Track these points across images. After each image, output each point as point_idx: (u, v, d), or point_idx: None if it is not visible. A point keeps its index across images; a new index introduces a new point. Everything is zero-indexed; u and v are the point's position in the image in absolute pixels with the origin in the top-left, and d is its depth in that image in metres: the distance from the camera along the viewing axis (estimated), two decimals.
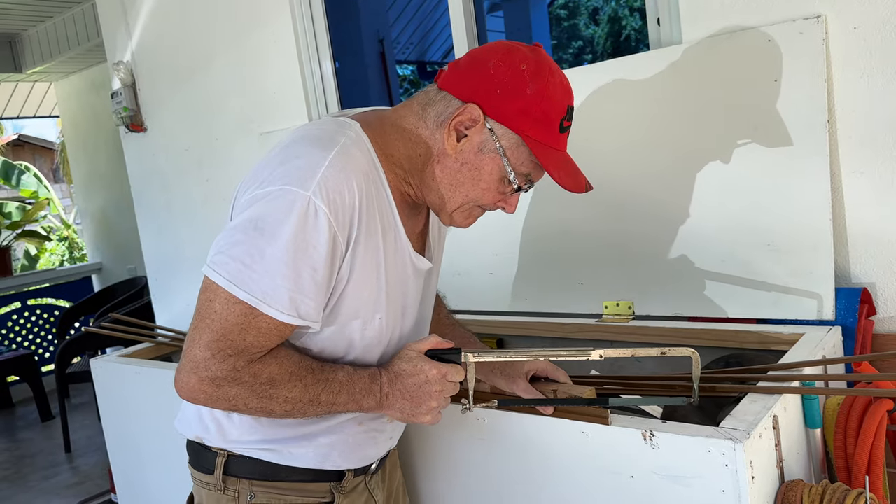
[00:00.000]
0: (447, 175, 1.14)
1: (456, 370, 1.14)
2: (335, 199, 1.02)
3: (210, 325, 1.02)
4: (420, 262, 1.21)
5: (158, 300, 3.79)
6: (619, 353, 1.13)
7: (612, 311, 1.96)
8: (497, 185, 1.15)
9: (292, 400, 1.07)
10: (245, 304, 1.01)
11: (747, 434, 1.10)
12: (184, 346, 1.05)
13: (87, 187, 6.36)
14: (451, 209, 1.17)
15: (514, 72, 1.10)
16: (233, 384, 1.03)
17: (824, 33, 1.64)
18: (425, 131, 1.14)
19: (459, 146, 1.12)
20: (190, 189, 3.42)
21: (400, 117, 1.17)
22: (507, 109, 1.10)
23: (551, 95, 1.11)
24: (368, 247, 1.09)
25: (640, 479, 1.18)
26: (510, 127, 1.11)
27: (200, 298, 1.04)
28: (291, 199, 1.00)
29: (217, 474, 1.20)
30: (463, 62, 1.15)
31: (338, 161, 1.04)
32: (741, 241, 1.77)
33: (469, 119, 1.11)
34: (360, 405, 1.13)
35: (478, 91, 1.10)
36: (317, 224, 1.01)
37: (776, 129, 1.70)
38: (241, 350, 1.03)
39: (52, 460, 4.28)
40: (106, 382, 2.24)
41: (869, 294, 1.68)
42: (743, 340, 1.68)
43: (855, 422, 1.32)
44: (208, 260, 1.04)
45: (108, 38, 3.64)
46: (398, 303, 1.19)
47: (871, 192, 1.68)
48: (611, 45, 10.37)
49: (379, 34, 3.96)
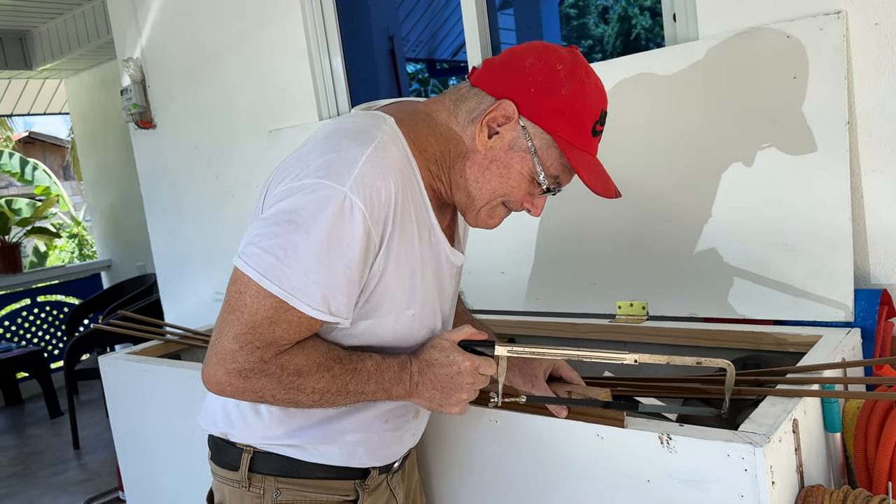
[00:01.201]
0: (475, 171, 1.13)
1: (489, 363, 1.12)
2: (371, 195, 1.01)
3: (239, 318, 1.01)
4: (455, 258, 1.20)
5: (167, 297, 3.78)
6: (654, 359, 1.11)
7: (626, 312, 1.93)
8: (526, 185, 1.13)
9: (320, 391, 1.06)
10: (276, 298, 1.00)
11: (767, 438, 1.08)
12: (212, 338, 1.04)
13: (96, 184, 6.37)
14: (477, 206, 1.16)
15: (551, 71, 1.08)
16: (260, 376, 1.02)
17: (845, 29, 1.61)
18: (456, 127, 1.13)
19: (490, 143, 1.11)
20: (199, 186, 3.41)
21: (432, 112, 1.15)
22: (541, 108, 1.08)
23: (586, 98, 1.10)
24: (402, 244, 1.08)
25: (657, 483, 1.16)
26: (543, 126, 1.09)
27: (230, 290, 1.03)
28: (328, 194, 0.99)
29: (242, 471, 1.18)
30: (498, 60, 1.14)
31: (375, 157, 1.03)
32: (758, 240, 1.75)
33: (502, 116, 1.09)
34: (389, 393, 1.11)
35: (512, 88, 1.09)
36: (352, 220, 1.00)
37: (795, 127, 1.67)
38: (270, 342, 1.02)
39: (61, 457, 4.29)
40: (114, 380, 2.23)
41: (889, 295, 1.65)
42: (760, 342, 1.66)
43: (876, 426, 1.29)
44: (239, 251, 1.03)
45: (118, 34, 3.63)
46: (433, 299, 1.18)
47: (891, 192, 1.65)
48: (620, 43, 10.33)
49: (389, 31, 3.95)
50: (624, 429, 1.19)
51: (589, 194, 1.15)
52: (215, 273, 3.43)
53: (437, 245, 1.15)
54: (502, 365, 1.14)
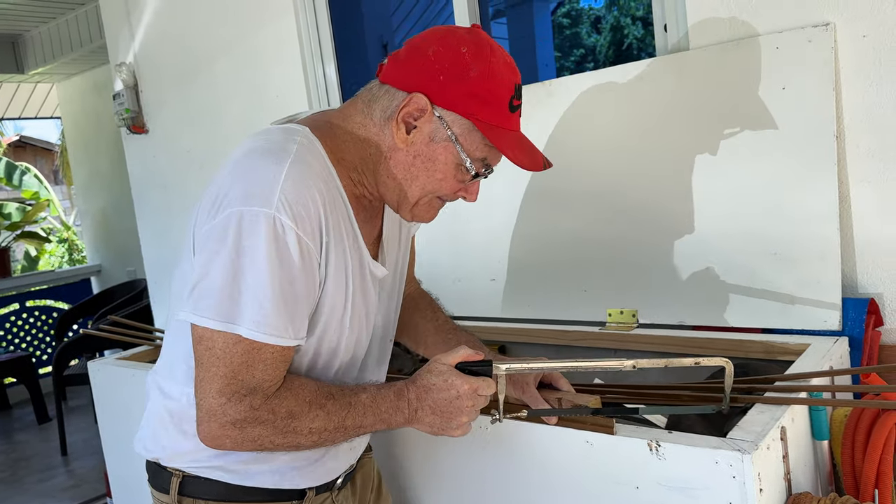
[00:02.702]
0: (401, 169, 1.11)
1: (487, 384, 1.11)
2: (300, 211, 0.99)
3: (217, 372, 1.00)
4: (376, 269, 1.18)
5: (158, 303, 3.77)
6: (652, 363, 1.11)
7: (616, 319, 1.94)
8: (454, 173, 1.11)
9: (317, 430, 1.05)
10: (247, 341, 0.99)
11: (755, 445, 1.08)
12: (196, 400, 1.03)
13: (87, 189, 6.35)
14: (410, 203, 1.14)
15: (455, 55, 1.06)
16: (254, 424, 1.01)
17: (833, 41, 1.63)
18: (373, 128, 1.11)
19: (410, 138, 1.09)
20: (191, 191, 3.41)
21: (346, 117, 1.13)
22: (454, 94, 1.06)
23: (496, 75, 1.07)
24: (337, 252, 1.07)
25: (646, 490, 1.17)
26: (459, 112, 1.07)
27: (198, 349, 1.01)
28: (256, 220, 0.97)
29: (173, 494, 1.17)
30: (403, 53, 1.11)
31: (294, 171, 1.00)
32: (747, 249, 1.76)
33: (416, 109, 1.07)
34: (388, 423, 1.10)
35: (421, 79, 1.07)
36: (287, 241, 0.98)
37: (784, 138, 1.69)
38: (254, 388, 1.01)
39: (49, 463, 4.26)
40: (103, 385, 2.21)
41: (876, 305, 1.67)
42: (748, 350, 1.67)
43: (863, 434, 1.30)
44: (191, 308, 1.00)
45: (111, 39, 3.63)
46: (361, 308, 1.16)
47: (879, 202, 1.66)
48: (612, 53, 10.39)
49: (383, 39, 3.96)
50: (613, 435, 1.20)
51: (585, 201, 1.16)
52: None
53: (361, 255, 1.14)
54: (501, 382, 1.14)
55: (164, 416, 1.18)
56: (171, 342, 1.18)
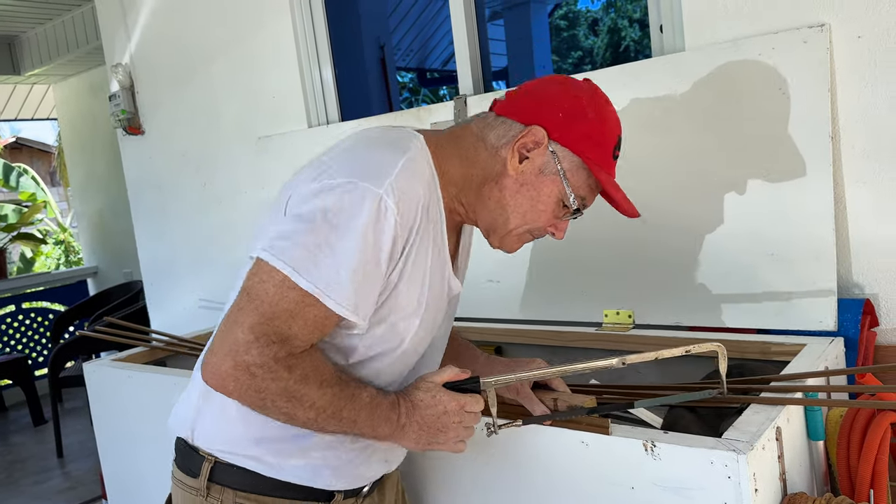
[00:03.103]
0: (506, 196, 1.16)
1: (475, 400, 1.13)
2: (404, 201, 1.03)
3: (258, 308, 0.99)
4: (454, 284, 1.21)
5: (153, 304, 3.76)
6: (642, 357, 1.12)
7: (613, 320, 1.94)
8: (554, 207, 1.17)
9: (318, 408, 1.04)
10: (302, 292, 0.99)
11: (750, 445, 1.08)
12: (220, 328, 1.02)
13: (83, 190, 6.33)
14: (504, 231, 1.19)
15: (574, 98, 1.15)
16: (267, 375, 0.99)
17: (828, 42, 1.64)
18: (483, 153, 1.16)
19: (521, 167, 1.14)
20: (187, 193, 3.40)
21: (458, 138, 1.19)
22: (571, 132, 1.14)
23: (608, 122, 1.17)
24: (419, 256, 1.09)
25: (641, 491, 1.17)
26: (572, 149, 1.14)
27: (251, 280, 1.01)
28: (364, 195, 1.00)
29: (202, 479, 1.16)
30: (521, 90, 1.19)
31: (409, 166, 1.05)
32: (743, 250, 1.76)
33: (533, 141, 1.13)
34: (375, 431, 1.10)
35: (541, 115, 1.14)
36: (385, 223, 1.01)
37: (779, 138, 1.69)
38: (285, 339, 1.00)
39: (44, 465, 4.24)
40: (99, 386, 2.21)
41: (871, 305, 1.67)
42: (744, 350, 1.67)
43: (858, 434, 1.30)
44: (265, 245, 1.01)
45: (107, 40, 3.63)
46: (431, 319, 1.18)
47: (874, 203, 1.67)
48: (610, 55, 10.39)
49: (380, 40, 3.95)
50: (608, 436, 1.20)
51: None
52: (202, 280, 3.42)
53: (443, 266, 1.16)
54: (491, 396, 1.14)
55: (207, 394, 1.16)
56: None
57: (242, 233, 3.13)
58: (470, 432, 1.14)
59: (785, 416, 1.22)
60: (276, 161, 2.85)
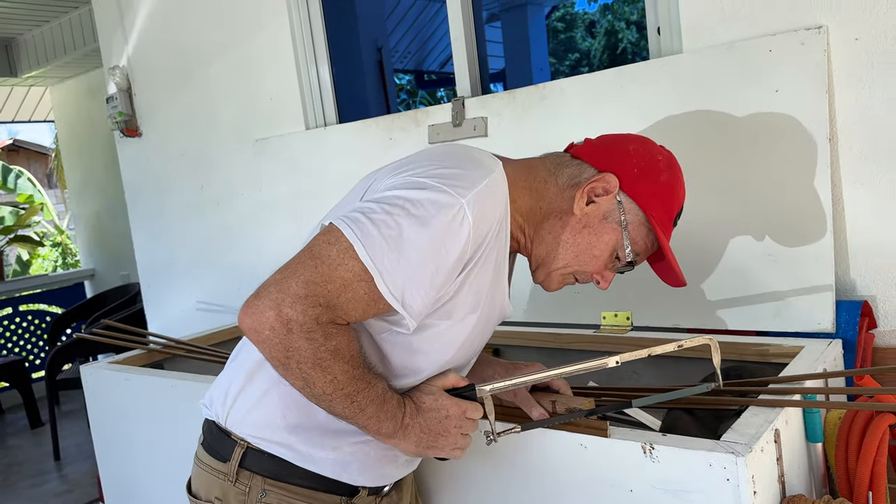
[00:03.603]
0: (567, 233, 1.19)
1: (475, 407, 1.14)
2: (481, 216, 1.05)
3: (318, 266, 1.00)
4: (507, 309, 1.22)
5: (151, 307, 3.76)
6: (635, 355, 1.14)
7: (610, 322, 1.94)
8: (607, 256, 1.20)
9: (337, 383, 1.03)
10: (361, 266, 0.99)
11: (749, 448, 1.08)
12: (274, 275, 1.01)
13: (81, 193, 6.33)
14: (553, 267, 1.21)
15: (652, 157, 1.21)
16: (303, 335, 0.98)
17: (826, 44, 1.64)
18: (553, 188, 1.19)
19: (587, 210, 1.18)
20: (184, 195, 3.40)
21: (531, 169, 1.21)
22: (642, 188, 1.18)
23: (677, 189, 1.22)
24: (480, 274, 1.10)
25: (640, 493, 1.16)
26: (639, 204, 1.18)
27: (318, 239, 1.02)
28: (447, 200, 1.02)
29: (232, 464, 1.17)
30: (600, 140, 1.24)
31: (492, 186, 1.08)
32: (741, 252, 1.76)
33: (603, 187, 1.17)
34: (379, 425, 1.09)
35: (616, 164, 1.18)
36: (459, 231, 1.02)
37: (777, 140, 1.69)
38: (332, 306, 1.00)
39: (41, 468, 4.23)
40: (96, 389, 2.20)
41: (869, 307, 1.67)
42: (742, 353, 1.67)
43: (857, 436, 1.30)
44: (343, 214, 1.03)
45: (105, 42, 3.62)
46: (478, 338, 1.20)
47: (872, 205, 1.67)
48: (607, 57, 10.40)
49: (377, 42, 3.95)
50: (607, 438, 1.19)
51: None
52: (199, 282, 3.41)
53: (501, 289, 1.17)
54: (488, 404, 1.15)
55: (249, 370, 1.18)
56: None
57: (240, 235, 3.12)
58: (468, 440, 1.15)
59: (783, 419, 1.22)
60: (274, 163, 2.85)
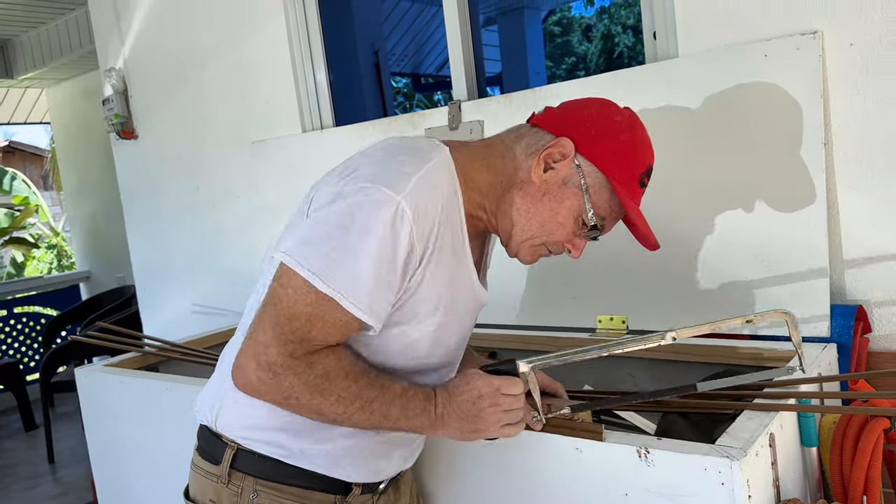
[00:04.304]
0: (527, 203, 1.16)
1: (511, 382, 1.11)
2: (420, 209, 1.04)
3: (278, 308, 1.02)
4: (481, 294, 1.22)
5: (146, 309, 3.75)
6: (694, 330, 1.10)
7: (606, 325, 1.94)
8: (571, 222, 1.17)
9: (345, 399, 1.04)
10: (321, 295, 1.01)
11: (744, 452, 1.08)
12: (248, 331, 1.05)
13: (76, 195, 6.31)
14: (521, 239, 1.19)
15: (609, 119, 1.17)
16: (289, 372, 1.02)
17: (821, 49, 1.64)
18: (511, 161, 1.17)
19: (545, 177, 1.15)
20: (180, 197, 3.39)
21: (489, 145, 1.21)
22: (599, 149, 1.14)
23: (639, 147, 1.17)
24: (438, 267, 1.10)
25: (635, 497, 1.16)
26: (598, 166, 1.15)
27: (273, 285, 1.04)
28: (381, 200, 1.01)
29: (224, 466, 1.18)
30: (559, 106, 1.21)
31: (429, 177, 1.06)
32: (736, 256, 1.76)
33: (559, 152, 1.14)
34: (411, 423, 1.10)
35: (572, 128, 1.15)
36: (402, 227, 1.02)
37: (772, 145, 1.70)
38: (303, 339, 1.02)
39: (35, 471, 4.22)
40: (91, 392, 2.20)
41: (864, 311, 1.67)
42: (738, 356, 1.67)
43: (851, 440, 1.30)
44: (286, 249, 1.04)
45: (101, 44, 3.62)
46: (450, 331, 1.18)
47: (866, 210, 1.67)
48: (604, 61, 10.43)
49: (374, 45, 3.96)
50: (602, 442, 1.19)
51: None
52: (195, 285, 3.41)
53: (466, 274, 1.16)
54: (532, 381, 1.13)
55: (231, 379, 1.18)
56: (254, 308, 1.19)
57: (236, 237, 3.12)
58: (513, 416, 1.12)
59: (778, 423, 1.22)
60: (270, 165, 2.85)
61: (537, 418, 1.16)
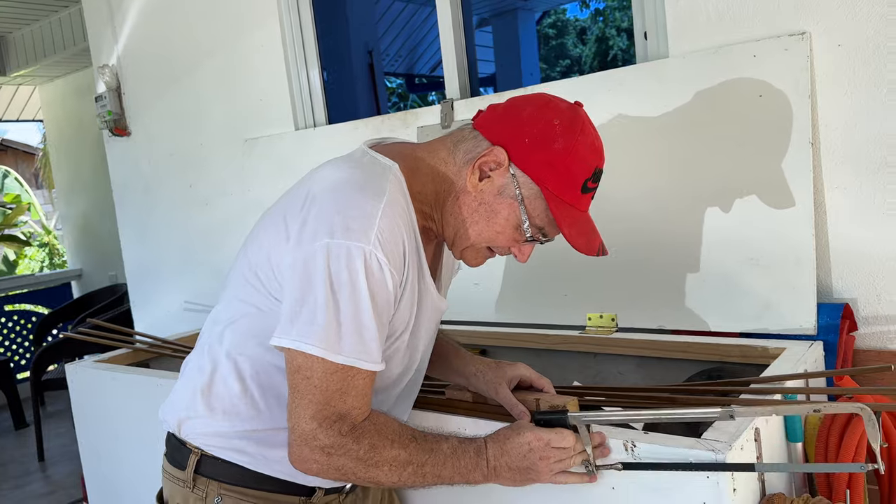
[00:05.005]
0: (465, 210, 1.16)
1: (561, 436, 1.13)
2: (392, 249, 1.05)
3: (312, 399, 1.04)
4: (440, 303, 1.23)
5: (138, 307, 3.74)
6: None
7: (596, 323, 1.95)
8: (511, 231, 1.16)
9: (397, 468, 1.08)
10: (344, 368, 1.03)
11: (729, 446, 1.09)
12: (288, 425, 1.07)
13: (69, 193, 6.29)
14: (463, 245, 1.19)
15: (546, 124, 1.11)
16: (340, 452, 1.05)
17: (809, 50, 1.66)
18: (453, 167, 1.17)
19: (481, 185, 1.14)
20: (173, 195, 3.39)
21: (433, 152, 1.19)
22: (532, 159, 1.11)
23: (578, 153, 1.11)
24: (412, 287, 1.13)
25: (621, 491, 1.17)
26: (532, 177, 1.12)
27: (295, 378, 1.05)
28: (355, 254, 1.02)
29: (188, 471, 1.20)
30: (500, 106, 1.17)
31: (389, 211, 1.06)
32: (725, 254, 1.78)
33: (493, 161, 1.12)
34: (466, 479, 1.12)
35: (507, 136, 1.13)
36: (382, 276, 1.04)
37: (760, 144, 1.71)
38: (344, 414, 1.05)
39: (25, 469, 4.20)
40: (81, 388, 2.19)
41: (850, 310, 1.69)
42: (725, 354, 1.68)
43: (836, 436, 1.31)
44: (295, 335, 1.04)
45: (94, 41, 3.61)
46: (420, 341, 1.21)
47: (853, 209, 1.69)
48: (598, 63, 10.45)
49: (368, 45, 3.96)
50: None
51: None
52: (186, 283, 3.40)
53: (426, 289, 1.17)
54: (584, 434, 1.14)
55: (196, 390, 1.20)
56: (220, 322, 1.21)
57: (228, 235, 3.12)
58: (564, 465, 1.14)
59: (764, 418, 1.23)
60: (263, 163, 2.85)
61: (590, 469, 1.17)
